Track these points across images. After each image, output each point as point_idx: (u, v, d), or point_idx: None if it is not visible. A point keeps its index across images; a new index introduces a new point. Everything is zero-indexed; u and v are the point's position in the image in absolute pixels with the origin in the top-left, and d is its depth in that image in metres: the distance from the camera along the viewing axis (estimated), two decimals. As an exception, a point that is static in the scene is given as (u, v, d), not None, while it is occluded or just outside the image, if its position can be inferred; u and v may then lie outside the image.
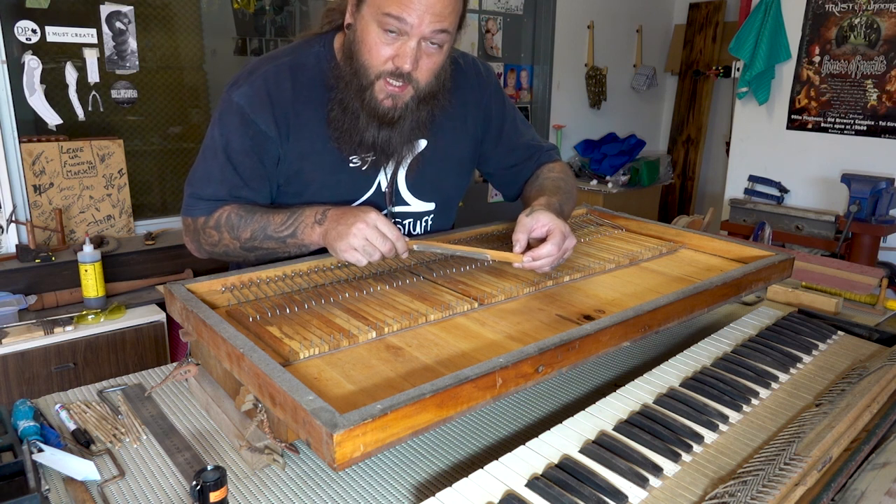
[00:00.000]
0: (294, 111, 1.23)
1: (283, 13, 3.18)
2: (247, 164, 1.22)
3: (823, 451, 0.85)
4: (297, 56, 1.26)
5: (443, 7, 1.10)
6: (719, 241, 1.45)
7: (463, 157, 1.44)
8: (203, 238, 1.24)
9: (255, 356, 0.81)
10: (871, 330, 1.29)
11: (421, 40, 1.12)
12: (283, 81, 1.23)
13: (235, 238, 1.20)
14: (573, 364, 0.91)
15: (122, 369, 2.28)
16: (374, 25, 1.12)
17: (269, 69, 1.23)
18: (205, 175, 1.24)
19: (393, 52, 1.13)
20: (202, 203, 1.23)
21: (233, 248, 1.22)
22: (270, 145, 1.23)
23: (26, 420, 0.93)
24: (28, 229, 2.43)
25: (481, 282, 1.19)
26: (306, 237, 1.17)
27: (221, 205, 1.22)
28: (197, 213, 1.24)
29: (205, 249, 1.26)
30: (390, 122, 1.20)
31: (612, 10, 4.60)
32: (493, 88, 1.45)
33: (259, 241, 1.19)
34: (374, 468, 0.90)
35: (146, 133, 2.90)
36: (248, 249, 1.21)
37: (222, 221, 1.21)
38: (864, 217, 3.13)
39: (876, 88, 3.29)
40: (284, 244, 1.19)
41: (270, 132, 1.22)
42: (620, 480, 0.79)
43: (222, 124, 1.23)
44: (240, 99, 1.21)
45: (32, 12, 2.46)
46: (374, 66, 1.15)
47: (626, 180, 4.30)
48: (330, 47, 1.28)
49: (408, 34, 1.11)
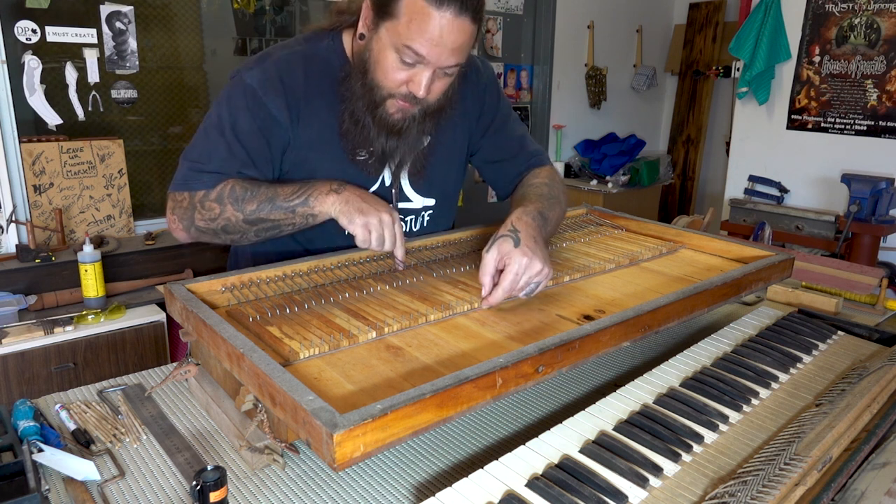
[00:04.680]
0: (305, 100, 1.23)
1: (283, 13, 3.18)
2: (254, 144, 1.21)
3: (823, 451, 0.85)
4: (308, 47, 1.27)
5: (462, 44, 1.12)
6: (719, 241, 1.45)
7: (460, 151, 1.44)
8: (200, 213, 1.20)
9: (255, 356, 0.81)
10: (871, 330, 1.29)
11: (436, 69, 1.14)
12: (295, 69, 1.23)
13: (239, 210, 1.17)
14: (573, 364, 0.91)
15: (122, 369, 2.28)
16: (391, 51, 1.13)
17: (283, 56, 1.24)
18: (208, 151, 1.21)
19: (407, 77, 1.15)
20: (205, 176, 1.20)
21: (235, 220, 1.18)
22: (279, 130, 1.22)
23: (26, 420, 0.93)
24: (28, 229, 2.43)
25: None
26: (318, 204, 1.16)
27: (226, 178, 1.20)
28: (198, 185, 1.20)
29: (196, 227, 1.21)
30: (398, 133, 1.22)
31: (612, 10, 4.60)
32: (489, 83, 1.45)
33: (266, 213, 1.17)
34: (374, 468, 0.90)
35: (146, 133, 2.90)
36: (251, 222, 1.18)
37: (226, 193, 1.18)
38: (864, 217, 3.13)
39: (876, 88, 3.29)
40: (293, 213, 1.17)
41: (281, 117, 1.21)
42: (620, 480, 0.79)
43: (230, 104, 1.21)
44: (251, 81, 1.20)
45: (32, 12, 2.46)
46: (387, 88, 1.17)
47: (626, 180, 4.30)
48: (339, 41, 1.29)
49: (424, 65, 1.13)
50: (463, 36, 1.10)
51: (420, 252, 1.32)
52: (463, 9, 1.07)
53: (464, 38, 1.11)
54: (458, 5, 1.07)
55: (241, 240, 1.24)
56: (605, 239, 1.50)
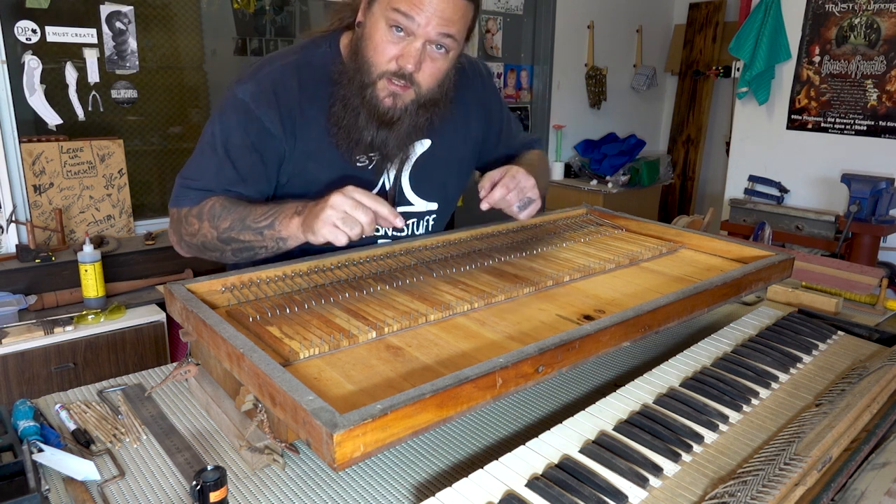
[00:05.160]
0: (300, 110, 1.23)
1: (283, 13, 3.18)
2: (246, 160, 1.21)
3: (823, 451, 0.85)
4: (303, 55, 1.27)
5: (452, 12, 1.12)
6: (719, 241, 1.45)
7: (465, 158, 1.45)
8: (184, 227, 1.20)
9: (255, 356, 0.81)
10: (871, 330, 1.29)
11: (426, 43, 1.14)
12: (289, 80, 1.23)
13: (214, 227, 1.16)
14: (573, 364, 0.91)
15: (122, 369, 2.28)
16: (382, 22, 1.14)
17: (276, 68, 1.23)
18: (199, 169, 1.22)
19: (398, 51, 1.14)
20: (191, 193, 1.20)
21: (210, 238, 1.17)
22: (274, 143, 1.22)
23: (26, 420, 0.93)
24: (28, 229, 2.43)
25: (481, 282, 1.19)
26: (283, 228, 1.11)
27: (210, 195, 1.19)
28: (185, 202, 1.21)
29: (184, 241, 1.22)
30: (389, 123, 1.20)
31: (612, 10, 4.60)
32: (493, 90, 1.50)
33: (236, 232, 1.15)
34: (374, 468, 0.90)
35: (146, 133, 2.90)
36: (224, 241, 1.16)
37: (205, 210, 1.18)
38: (864, 217, 3.13)
39: (876, 88, 3.29)
40: (261, 236, 1.14)
41: (275, 130, 1.21)
42: (620, 480, 0.79)
43: (223, 120, 1.22)
44: (244, 95, 1.20)
45: (32, 12, 2.46)
46: (378, 64, 1.16)
47: (626, 180, 4.30)
48: (336, 46, 1.28)
49: (414, 34, 1.13)
50: (452, 6, 1.11)
51: (420, 252, 1.32)
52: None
53: (453, 9, 1.11)
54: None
55: (222, 258, 1.22)
56: (605, 239, 1.50)
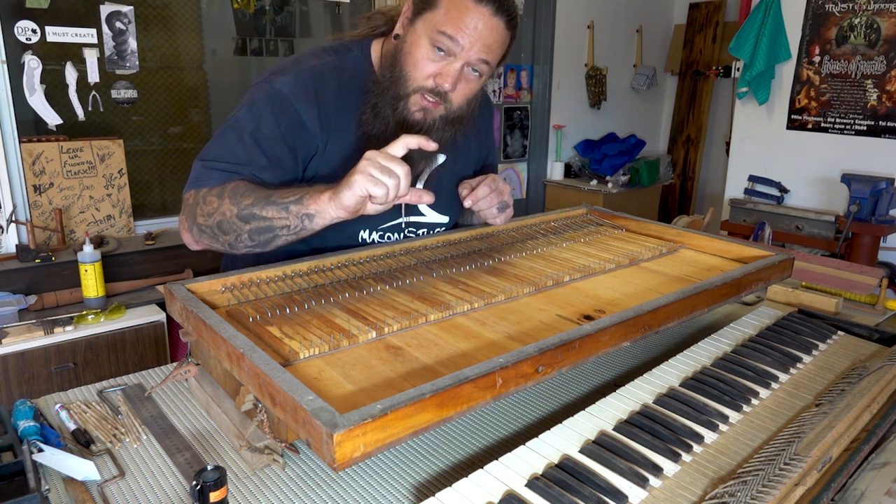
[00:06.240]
0: (336, 111, 1.23)
1: (282, 13, 3.18)
2: (274, 150, 1.18)
3: (823, 451, 0.85)
4: (338, 58, 1.27)
5: (493, 40, 1.17)
6: (719, 241, 1.45)
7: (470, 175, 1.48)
8: (201, 208, 1.16)
9: (255, 356, 0.81)
10: (871, 330, 1.29)
11: (465, 65, 1.18)
12: (329, 80, 1.23)
13: (235, 204, 1.12)
14: (573, 364, 0.91)
15: (122, 369, 2.28)
16: (425, 40, 1.17)
17: (316, 65, 1.23)
18: (225, 151, 1.18)
19: (437, 69, 1.17)
20: (216, 173, 1.16)
21: (229, 216, 1.13)
22: (308, 137, 1.21)
23: (26, 420, 0.93)
24: (28, 229, 2.43)
25: (481, 282, 1.19)
26: (312, 202, 1.09)
27: (235, 177, 1.16)
28: (208, 182, 1.16)
29: (197, 224, 1.17)
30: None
31: (612, 10, 4.60)
32: (492, 115, 1.58)
33: (259, 208, 1.11)
34: (374, 468, 0.90)
35: (146, 133, 2.90)
36: (243, 218, 1.12)
37: (227, 188, 1.14)
38: (864, 217, 3.13)
39: (876, 88, 3.29)
40: (286, 212, 1.10)
41: (312, 125, 1.21)
42: (620, 480, 0.79)
43: (254, 108, 1.19)
44: (283, 87, 1.19)
45: (32, 12, 2.46)
46: (416, 79, 1.18)
47: (626, 180, 4.30)
48: (367, 54, 1.29)
49: (455, 56, 1.16)
50: (494, 34, 1.16)
51: (420, 252, 1.32)
52: (499, 10, 1.16)
53: (495, 38, 1.17)
54: (496, 5, 1.15)
55: (236, 242, 1.17)
56: (605, 239, 1.50)
